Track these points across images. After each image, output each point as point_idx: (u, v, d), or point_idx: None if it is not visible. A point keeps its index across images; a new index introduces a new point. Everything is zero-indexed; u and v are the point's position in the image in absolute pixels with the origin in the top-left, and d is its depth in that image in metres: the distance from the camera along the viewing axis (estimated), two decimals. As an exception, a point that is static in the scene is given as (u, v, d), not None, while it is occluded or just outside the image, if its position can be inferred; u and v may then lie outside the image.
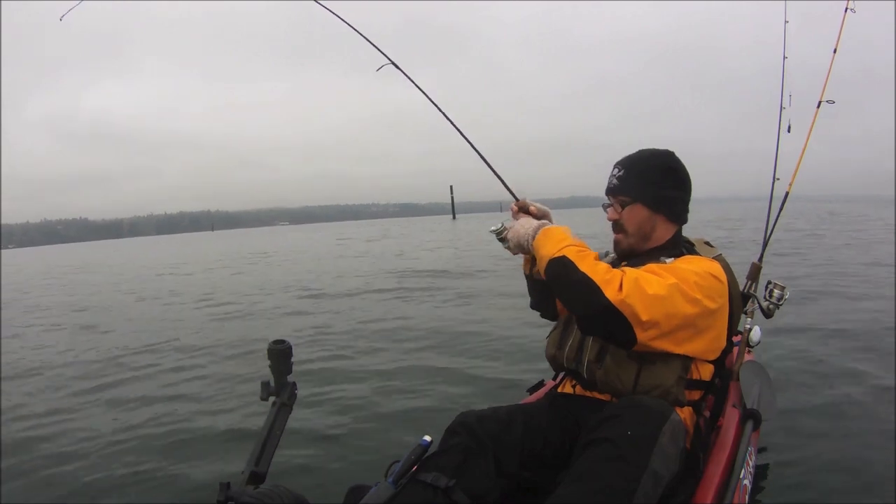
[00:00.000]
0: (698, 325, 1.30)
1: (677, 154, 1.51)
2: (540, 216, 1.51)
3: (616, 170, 1.49)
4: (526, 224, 1.43)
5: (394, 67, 1.73)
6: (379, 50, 1.74)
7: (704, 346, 1.34)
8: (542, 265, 1.34)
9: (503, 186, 1.66)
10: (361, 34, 1.78)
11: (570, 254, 1.27)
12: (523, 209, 1.52)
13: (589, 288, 1.22)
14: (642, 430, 1.16)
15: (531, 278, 1.62)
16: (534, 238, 1.39)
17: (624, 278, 1.24)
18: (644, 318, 1.21)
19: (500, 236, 1.50)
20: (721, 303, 1.35)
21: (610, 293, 1.20)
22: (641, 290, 1.22)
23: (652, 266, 1.33)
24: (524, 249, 1.44)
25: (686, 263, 1.35)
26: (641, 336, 1.23)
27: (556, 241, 1.33)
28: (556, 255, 1.28)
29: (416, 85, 1.73)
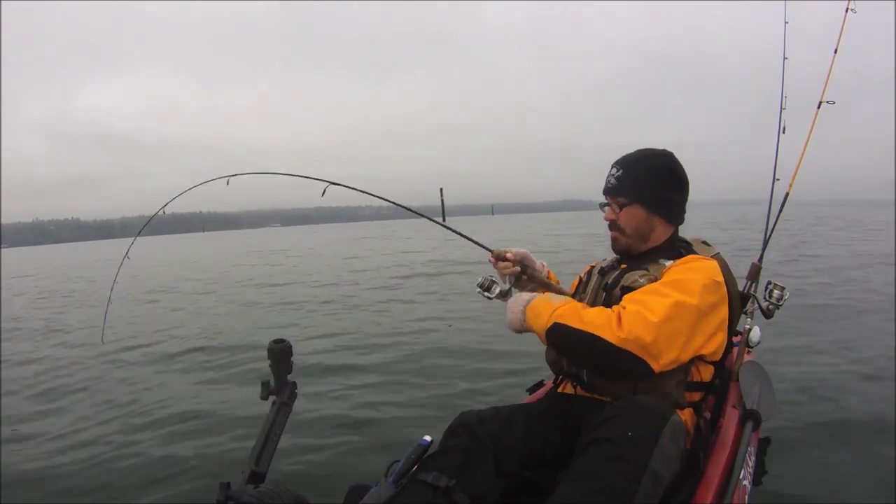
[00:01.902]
0: (706, 333, 1.31)
1: (675, 155, 1.50)
2: (518, 260, 1.52)
3: (614, 170, 1.49)
4: (515, 308, 1.41)
5: (336, 186, 1.77)
6: (319, 179, 1.78)
7: (711, 349, 1.35)
8: (543, 340, 1.36)
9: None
10: (300, 175, 1.89)
11: (560, 318, 1.30)
12: (500, 258, 1.53)
13: (588, 341, 1.25)
14: (643, 431, 1.16)
15: None
16: (525, 320, 1.39)
17: (623, 314, 1.26)
18: (653, 349, 1.23)
19: (485, 288, 1.51)
20: (722, 305, 1.35)
21: (608, 335, 1.23)
22: (645, 321, 1.23)
23: (655, 286, 1.34)
24: (523, 331, 1.43)
25: (687, 271, 1.35)
26: (657, 366, 1.24)
27: (542, 312, 1.34)
28: (548, 327, 1.31)
29: (360, 190, 1.84)
